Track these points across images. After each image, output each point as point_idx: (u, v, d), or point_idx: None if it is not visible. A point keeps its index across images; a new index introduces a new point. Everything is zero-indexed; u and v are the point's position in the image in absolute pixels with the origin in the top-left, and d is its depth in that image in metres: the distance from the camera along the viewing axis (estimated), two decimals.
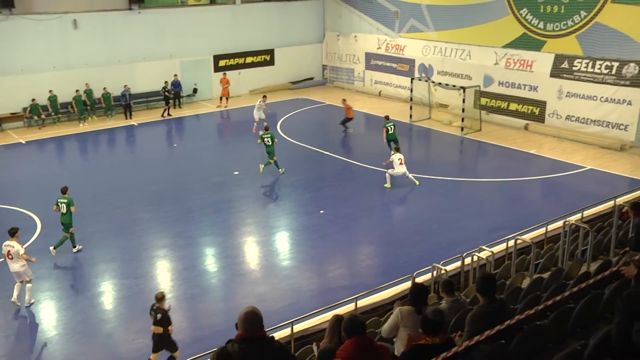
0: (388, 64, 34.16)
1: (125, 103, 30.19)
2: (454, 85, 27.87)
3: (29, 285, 13.56)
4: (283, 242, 16.78)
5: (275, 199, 19.69)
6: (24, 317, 13.26)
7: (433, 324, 5.87)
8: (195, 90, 33.90)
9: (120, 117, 30.41)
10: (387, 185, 20.07)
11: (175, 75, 31.91)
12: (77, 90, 29.17)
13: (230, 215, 18.39)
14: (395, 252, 15.70)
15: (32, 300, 13.61)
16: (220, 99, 32.80)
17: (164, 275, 14.93)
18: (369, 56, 35.33)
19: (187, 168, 22.81)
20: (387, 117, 23.16)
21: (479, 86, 28.17)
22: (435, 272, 12.42)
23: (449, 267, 12.89)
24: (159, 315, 10.81)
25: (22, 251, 13.37)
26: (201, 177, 21.66)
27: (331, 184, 20.73)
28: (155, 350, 11.06)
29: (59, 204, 16.02)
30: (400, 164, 20.04)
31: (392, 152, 20.76)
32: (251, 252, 16.21)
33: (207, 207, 18.89)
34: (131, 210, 18.78)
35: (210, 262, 15.63)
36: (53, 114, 29.07)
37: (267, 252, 15.94)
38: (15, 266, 13.40)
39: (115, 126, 29.19)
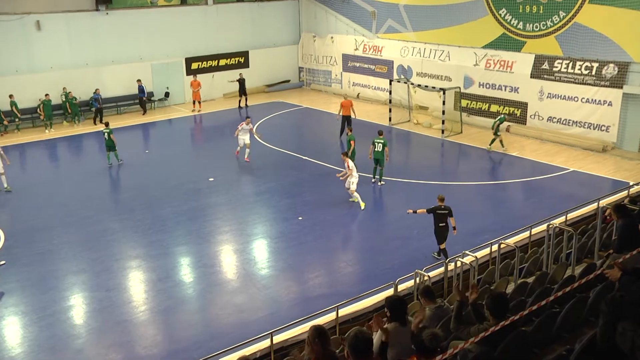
0: (366, 66, 34.33)
1: (97, 108, 29.96)
2: (433, 87, 28.06)
3: None
4: (261, 250, 16.74)
5: (252, 206, 19.64)
6: None
7: (428, 351, 5.82)
8: (167, 94, 33.72)
9: (88, 123, 30.12)
10: (362, 204, 18.97)
11: (139, 80, 31.54)
12: (46, 95, 28.80)
13: (205, 223, 18.31)
14: (376, 258, 15.75)
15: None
16: (194, 102, 32.70)
17: (137, 287, 14.79)
18: (346, 58, 35.48)
19: (159, 175, 22.66)
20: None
21: (459, 87, 28.41)
22: (418, 279, 12.48)
23: (432, 273, 12.99)
24: None
25: None
26: (174, 184, 21.53)
27: (309, 190, 20.74)
28: None
29: None
30: (355, 170, 19.21)
31: (344, 156, 19.64)
32: (228, 261, 16.14)
33: (181, 215, 18.79)
34: (101, 219, 18.59)
35: (186, 272, 15.54)
36: (16, 119, 28.65)
37: (245, 261, 15.89)
38: None
39: (83, 132, 28.88)
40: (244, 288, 14.50)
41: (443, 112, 26.96)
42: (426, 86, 28.62)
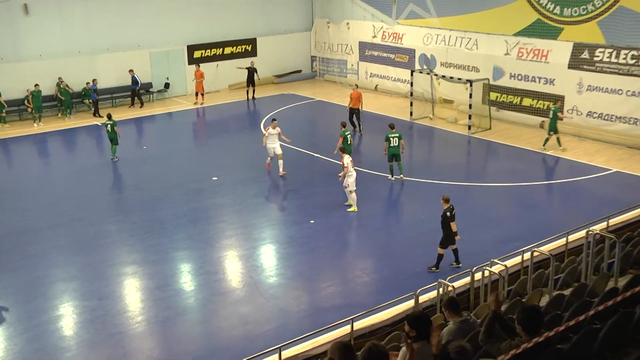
0: (385, 55, 34.22)
1: (95, 100, 30.11)
2: (459, 79, 27.94)
3: None
4: (269, 256, 16.71)
5: (259, 208, 19.62)
6: None
7: None
8: (167, 85, 33.82)
9: (81, 116, 30.26)
10: (353, 208, 18.95)
11: (131, 70, 31.53)
12: (36, 85, 28.95)
13: (208, 226, 18.30)
14: (395, 266, 15.68)
15: None
16: (196, 94, 32.77)
17: (132, 295, 14.81)
18: (363, 46, 35.40)
19: (158, 173, 22.71)
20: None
21: (488, 79, 28.25)
22: (441, 289, 12.41)
23: (457, 284, 12.90)
24: None
25: None
26: (174, 183, 21.57)
27: (322, 190, 20.69)
28: None
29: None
30: (352, 166, 19.24)
31: (339, 153, 19.69)
32: (232, 268, 16.13)
33: (182, 217, 18.80)
34: (94, 221, 18.63)
35: (186, 279, 15.54)
36: (2, 111, 28.77)
37: (251, 268, 15.87)
38: None
39: (75, 126, 29.03)
40: (250, 298, 14.47)
41: (470, 106, 26.81)
42: (451, 77, 28.49)
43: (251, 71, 33.12)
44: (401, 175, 21.14)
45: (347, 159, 19.06)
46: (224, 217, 19.06)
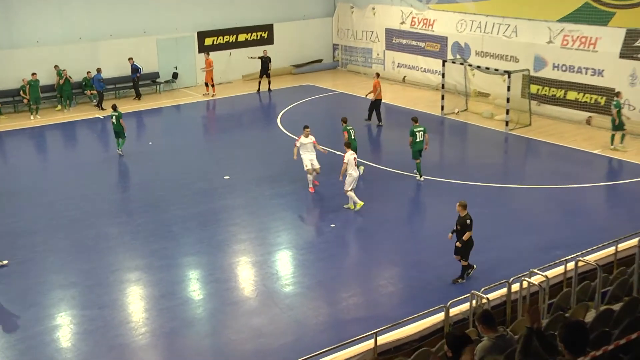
0: (414, 43, 34.14)
1: (100, 90, 30.37)
2: (496, 69, 27.79)
3: None
4: (285, 263, 16.73)
5: (274, 210, 19.63)
6: None
7: None
8: (175, 75, 33.98)
9: (81, 108, 30.49)
10: (351, 205, 19.13)
11: (131, 59, 31.66)
12: (33, 74, 29.16)
13: (219, 229, 18.36)
14: (423, 275, 15.62)
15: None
16: (206, 85, 32.87)
17: (135, 305, 14.86)
18: (390, 33, 35.33)
19: (164, 171, 22.83)
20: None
21: (528, 70, 28.07)
22: (474, 302, 12.31)
23: (492, 295, 12.79)
24: None
25: None
26: (182, 182, 21.65)
27: (343, 192, 20.65)
28: None
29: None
30: (355, 164, 19.33)
31: (346, 149, 19.65)
32: (245, 275, 16.16)
33: (190, 220, 18.86)
34: (94, 223, 18.74)
35: (194, 287, 15.58)
36: None
37: (265, 276, 15.88)
38: None
39: (75, 119, 29.28)
40: (264, 308, 14.47)
41: (507, 100, 26.64)
42: (487, 68, 28.35)
43: (264, 61, 33.17)
44: (420, 176, 21.28)
45: (349, 155, 19.11)
46: (236, 219, 19.10)
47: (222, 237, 17.92)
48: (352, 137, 21.16)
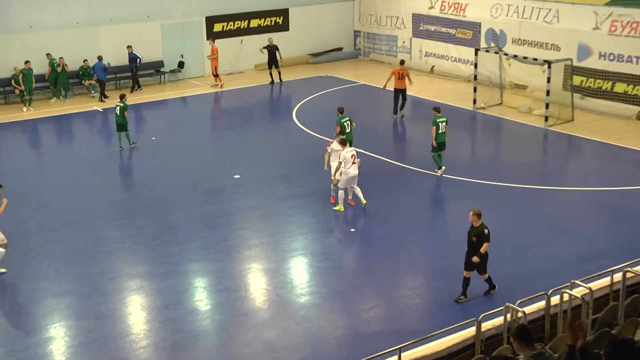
0: (444, 30, 34.09)
1: (103, 79, 30.57)
2: (535, 59, 27.65)
3: (2, 250, 15.87)
4: (300, 270, 16.73)
5: (289, 212, 19.63)
6: None
7: None
8: (181, 65, 34.09)
9: (78, 100, 30.65)
10: (340, 207, 19.32)
11: (130, 47, 31.69)
12: (26, 62, 29.34)
13: (228, 233, 18.39)
14: (451, 286, 15.52)
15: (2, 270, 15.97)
16: (214, 75, 32.86)
17: (136, 315, 14.90)
18: (417, 19, 35.28)
19: (169, 169, 22.90)
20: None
21: (571, 60, 27.89)
22: (509, 315, 12.26)
23: (529, 309, 12.73)
24: None
25: None
26: (189, 181, 21.72)
27: (366, 193, 20.58)
28: None
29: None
30: (354, 162, 19.13)
31: (337, 142, 19.68)
32: (256, 284, 16.17)
33: (197, 222, 18.90)
34: (92, 225, 18.82)
35: (201, 297, 15.60)
36: None
37: (278, 285, 15.88)
38: None
39: (72, 112, 29.45)
40: (277, 320, 14.47)
41: (547, 93, 26.52)
42: (525, 57, 28.19)
43: (271, 50, 33.10)
44: (442, 167, 21.43)
45: (345, 153, 19.02)
46: (246, 222, 19.10)
47: (231, 242, 17.95)
48: (347, 130, 21.37)
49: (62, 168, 23.45)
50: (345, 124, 21.50)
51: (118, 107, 24.11)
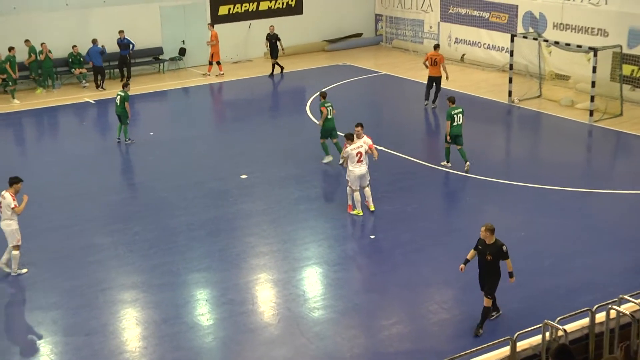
0: (476, 13, 34.09)
1: (100, 65, 30.78)
2: (579, 46, 27.56)
3: (15, 252, 16.50)
4: (313, 282, 16.74)
5: (302, 217, 19.66)
6: None
7: None
8: (182, 52, 34.18)
9: (67, 90, 30.79)
10: (358, 212, 19.37)
11: (122, 32, 31.76)
12: (11, 48, 29.41)
13: (233, 240, 18.44)
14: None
15: (20, 271, 16.58)
16: (218, 63, 32.87)
17: (131, 331, 14.94)
18: (446, 1, 35.28)
19: (169, 168, 22.99)
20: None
21: (621, 47, 27.79)
22: (548, 334, 12.24)
23: (571, 327, 12.71)
24: None
25: (12, 204, 16.43)
26: (190, 182, 21.78)
27: (387, 196, 20.64)
28: None
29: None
30: (359, 160, 19.09)
31: (344, 139, 19.67)
32: (265, 296, 16.20)
33: (199, 228, 18.95)
34: (83, 231, 18.91)
35: (203, 311, 15.63)
36: None
37: (289, 298, 15.90)
38: (1, 223, 16.54)
39: (60, 103, 29.57)
40: (288, 337, 14.50)
41: (593, 84, 26.45)
42: (568, 44, 28.13)
43: (272, 39, 33.02)
44: (467, 164, 21.64)
45: (349, 149, 19.03)
46: (254, 228, 19.15)
47: (237, 250, 17.98)
48: (330, 116, 22.21)
49: (50, 166, 23.51)
50: (328, 108, 22.21)
51: (118, 97, 24.33)
